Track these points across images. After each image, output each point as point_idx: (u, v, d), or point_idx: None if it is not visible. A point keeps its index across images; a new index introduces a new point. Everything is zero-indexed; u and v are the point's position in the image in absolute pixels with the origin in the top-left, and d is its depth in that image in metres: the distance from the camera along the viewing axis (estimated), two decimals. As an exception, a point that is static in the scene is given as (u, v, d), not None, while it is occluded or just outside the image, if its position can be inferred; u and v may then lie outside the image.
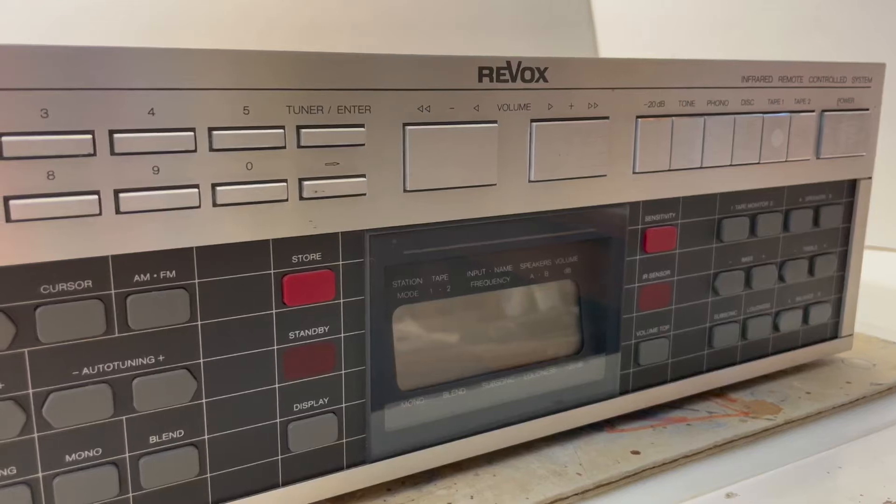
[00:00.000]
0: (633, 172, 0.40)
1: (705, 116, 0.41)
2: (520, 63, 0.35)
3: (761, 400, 0.47)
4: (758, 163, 0.44)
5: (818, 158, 0.46)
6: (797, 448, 0.42)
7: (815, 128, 0.46)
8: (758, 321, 0.47)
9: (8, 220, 0.26)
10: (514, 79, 0.35)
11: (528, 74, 0.35)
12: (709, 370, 0.46)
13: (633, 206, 0.40)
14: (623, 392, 0.43)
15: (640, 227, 0.41)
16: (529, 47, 0.75)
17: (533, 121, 0.36)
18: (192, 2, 0.59)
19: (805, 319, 0.50)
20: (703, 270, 0.44)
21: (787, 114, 0.44)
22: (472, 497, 0.36)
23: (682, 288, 0.44)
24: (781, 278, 0.48)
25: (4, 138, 0.25)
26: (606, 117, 0.38)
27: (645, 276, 0.42)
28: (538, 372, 0.40)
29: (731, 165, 0.43)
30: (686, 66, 0.40)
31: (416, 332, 0.36)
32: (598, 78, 0.37)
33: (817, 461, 0.41)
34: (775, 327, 0.48)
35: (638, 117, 0.39)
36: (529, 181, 0.36)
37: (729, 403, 0.46)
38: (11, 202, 0.25)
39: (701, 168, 0.42)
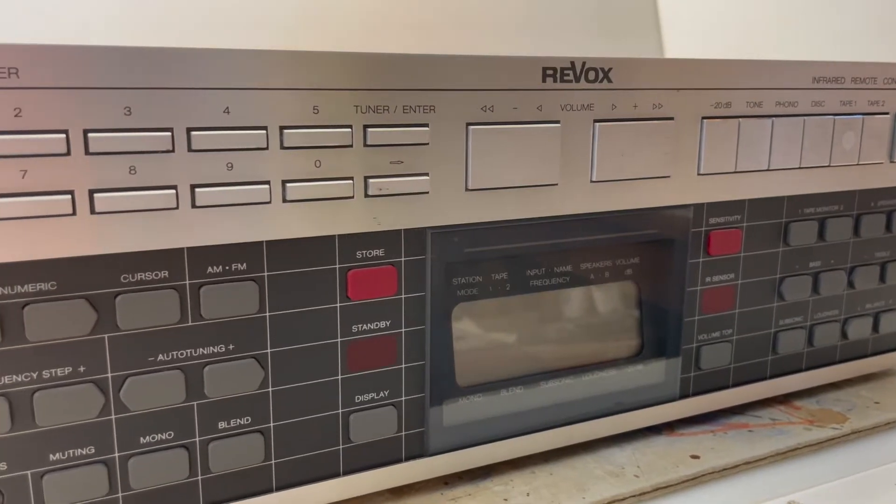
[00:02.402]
0: (698, 174, 0.39)
1: (773, 118, 0.40)
2: (584, 63, 0.35)
3: (827, 408, 0.46)
4: (828, 165, 0.43)
5: (892, 162, 0.45)
6: (863, 459, 0.41)
7: (889, 130, 0.44)
8: (825, 328, 0.46)
9: (92, 212, 0.27)
10: (577, 79, 0.35)
11: (592, 75, 0.35)
12: (773, 376, 0.45)
13: (697, 207, 0.40)
14: (683, 396, 0.42)
15: (703, 229, 0.41)
16: (594, 48, 0.75)
17: (596, 121, 0.36)
18: (259, 4, 0.61)
19: (875, 327, 0.48)
20: (769, 275, 0.44)
21: (860, 116, 0.43)
22: (528, 494, 0.36)
23: (746, 292, 0.43)
24: (851, 284, 0.47)
25: (91, 135, 0.27)
26: (671, 118, 0.38)
27: (708, 279, 0.42)
28: (597, 373, 0.40)
29: (799, 168, 0.42)
30: (754, 67, 0.39)
31: (475, 329, 0.37)
32: (663, 78, 0.37)
33: (884, 472, 0.39)
34: (843, 335, 0.47)
35: (703, 118, 0.39)
36: (591, 181, 0.36)
37: (793, 411, 0.45)
38: (96, 195, 0.27)
39: (768, 170, 0.41)
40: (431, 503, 0.36)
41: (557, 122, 0.35)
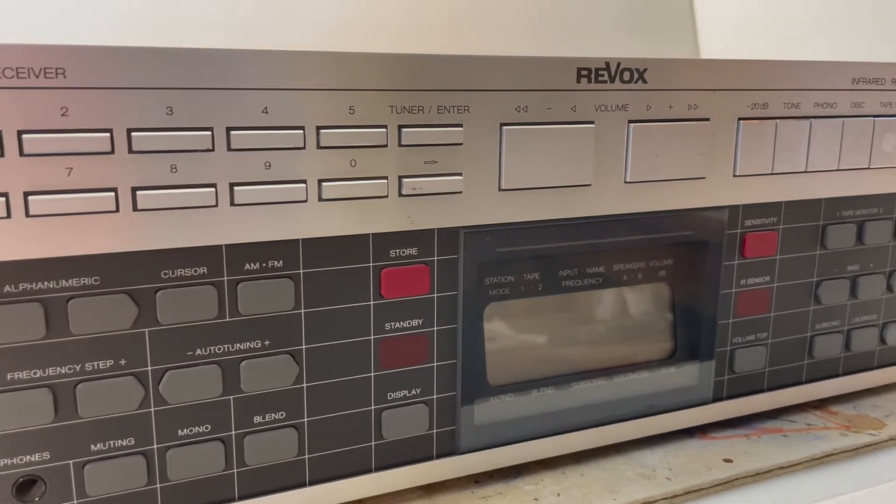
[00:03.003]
0: (734, 175, 0.39)
1: (811, 119, 0.40)
2: (619, 64, 0.35)
3: (864, 414, 0.45)
4: (867, 168, 0.42)
5: (934, 164, 0.44)
6: (902, 466, 0.40)
7: (931, 132, 0.43)
8: (863, 332, 0.45)
9: (135, 209, 0.28)
10: (612, 79, 0.35)
11: (626, 75, 0.35)
12: (808, 381, 0.45)
13: (733, 209, 0.40)
14: (716, 399, 0.42)
15: (739, 231, 0.40)
16: (629, 48, 0.75)
17: (631, 121, 0.36)
18: (294, 4, 0.62)
19: (915, 333, 0.47)
20: (805, 278, 0.43)
21: (902, 117, 0.42)
22: (558, 494, 0.36)
23: (781, 295, 0.43)
24: (890, 289, 0.46)
25: (134, 133, 0.27)
26: (707, 119, 0.37)
27: (743, 282, 0.41)
28: (629, 375, 0.40)
29: (837, 170, 0.41)
30: (792, 68, 0.39)
31: (506, 329, 0.37)
32: (698, 79, 0.37)
33: (924, 481, 0.39)
34: (882, 340, 0.46)
35: (740, 119, 0.38)
36: (625, 182, 0.36)
37: (829, 416, 0.45)
38: (138, 193, 0.28)
39: (805, 172, 0.41)
40: (462, 501, 0.36)
41: (591, 122, 0.35)
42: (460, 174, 0.33)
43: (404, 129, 0.31)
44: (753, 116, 0.39)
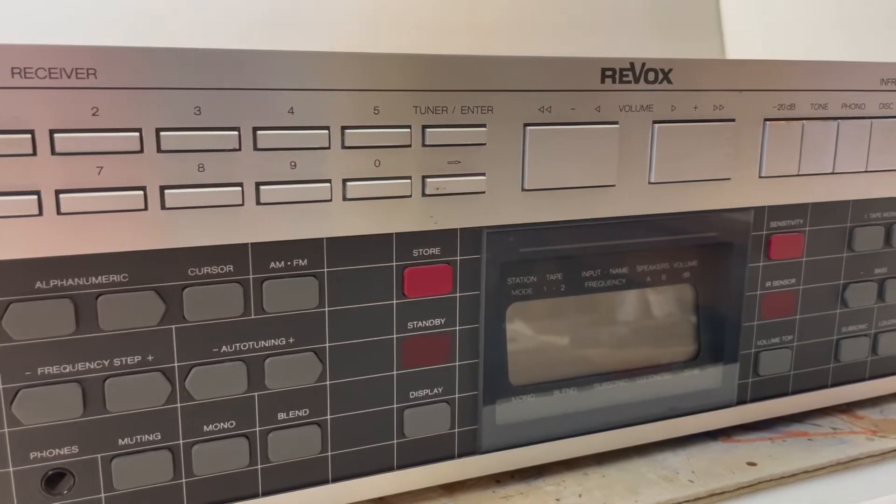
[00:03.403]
0: (759, 176, 0.39)
1: (839, 120, 0.39)
2: (643, 64, 0.35)
3: (891, 418, 0.44)
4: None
5: (965, 166, 0.44)
6: (930, 472, 0.40)
7: (962, 133, 0.43)
8: (890, 336, 0.45)
9: (163, 207, 0.28)
10: (637, 80, 0.35)
11: (651, 76, 0.35)
12: (834, 385, 0.44)
13: (758, 210, 0.39)
14: (740, 402, 0.42)
15: (764, 232, 0.40)
16: (654, 48, 0.74)
17: (655, 122, 0.36)
18: (317, 4, 0.62)
19: (945, 337, 0.47)
20: (832, 280, 0.43)
21: (932, 118, 0.42)
22: (580, 496, 0.36)
23: (807, 297, 0.42)
24: (919, 292, 0.45)
25: (162, 133, 0.28)
26: (732, 119, 0.37)
27: (768, 284, 0.41)
28: (652, 376, 0.39)
29: (865, 171, 0.41)
30: (819, 68, 0.39)
31: (529, 329, 0.37)
32: (724, 79, 0.37)
33: (953, 487, 0.38)
34: (910, 344, 0.46)
35: (766, 120, 0.38)
36: (649, 182, 0.36)
37: (855, 420, 0.44)
38: (166, 191, 0.28)
39: (833, 174, 0.40)
40: (483, 500, 0.36)
41: (615, 122, 0.35)
42: (483, 174, 0.33)
43: (428, 130, 0.31)
44: (780, 117, 0.38)
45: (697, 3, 0.78)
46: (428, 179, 0.32)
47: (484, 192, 0.33)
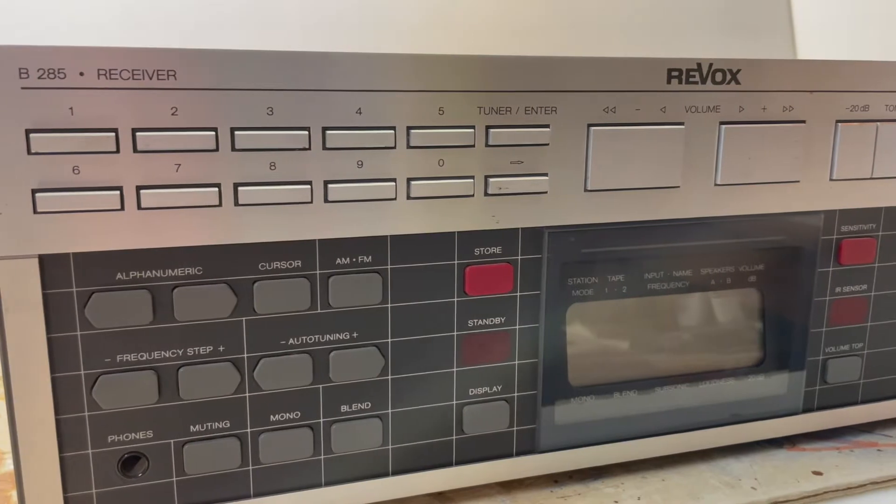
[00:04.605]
0: (830, 179, 0.38)
1: (916, 121, 0.38)
2: (711, 65, 0.34)
3: (969, 432, 0.43)
4: (977, 173, 0.40)
5: None
6: None
7: None
8: (969, 346, 0.43)
9: (236, 203, 0.29)
10: (703, 81, 0.34)
11: (718, 76, 0.35)
12: (907, 395, 0.43)
13: (829, 214, 0.38)
14: (807, 410, 0.41)
15: (834, 237, 0.39)
16: (723, 48, 0.73)
17: (722, 123, 0.35)
18: (379, 6, 0.63)
19: None
20: (906, 287, 0.41)
21: None
22: (638, 498, 0.36)
23: (879, 304, 0.41)
24: None
25: (237, 132, 0.29)
26: (803, 121, 0.36)
27: (838, 290, 0.40)
28: (715, 381, 0.39)
29: (944, 175, 0.40)
30: (894, 69, 0.37)
31: (589, 330, 0.37)
32: (794, 80, 0.36)
33: None
34: None
35: (838, 122, 0.37)
36: (715, 184, 0.36)
37: (929, 433, 0.43)
38: (240, 189, 0.29)
39: (908, 177, 0.39)
40: (541, 500, 0.36)
41: (681, 123, 0.34)
42: (546, 174, 0.33)
43: (491, 130, 0.32)
44: (852, 119, 0.37)
45: (768, 2, 0.76)
46: (490, 179, 0.32)
47: (546, 193, 0.33)
